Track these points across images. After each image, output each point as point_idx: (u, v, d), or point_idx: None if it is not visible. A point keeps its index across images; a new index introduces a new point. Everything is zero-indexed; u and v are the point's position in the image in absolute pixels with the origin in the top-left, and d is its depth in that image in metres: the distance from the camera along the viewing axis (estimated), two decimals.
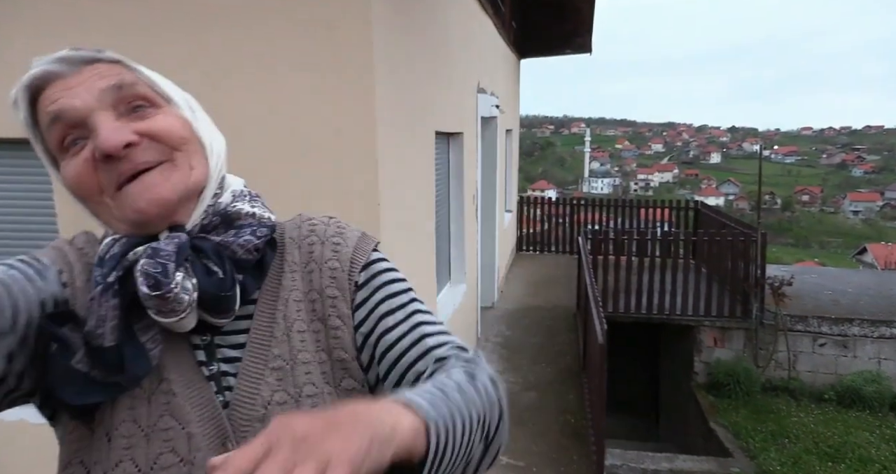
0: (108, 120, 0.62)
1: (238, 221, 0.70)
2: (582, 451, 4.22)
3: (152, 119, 0.64)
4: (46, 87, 0.63)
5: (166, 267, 0.61)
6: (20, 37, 2.54)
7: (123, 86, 0.64)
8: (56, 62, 0.63)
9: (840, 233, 70.78)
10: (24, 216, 2.75)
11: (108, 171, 0.61)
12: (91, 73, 0.63)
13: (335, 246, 0.75)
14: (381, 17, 2.53)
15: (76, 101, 0.61)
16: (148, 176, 0.62)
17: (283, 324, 0.70)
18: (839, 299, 7.26)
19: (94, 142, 0.61)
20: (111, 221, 0.65)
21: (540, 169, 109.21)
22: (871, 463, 5.13)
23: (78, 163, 0.62)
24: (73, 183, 0.63)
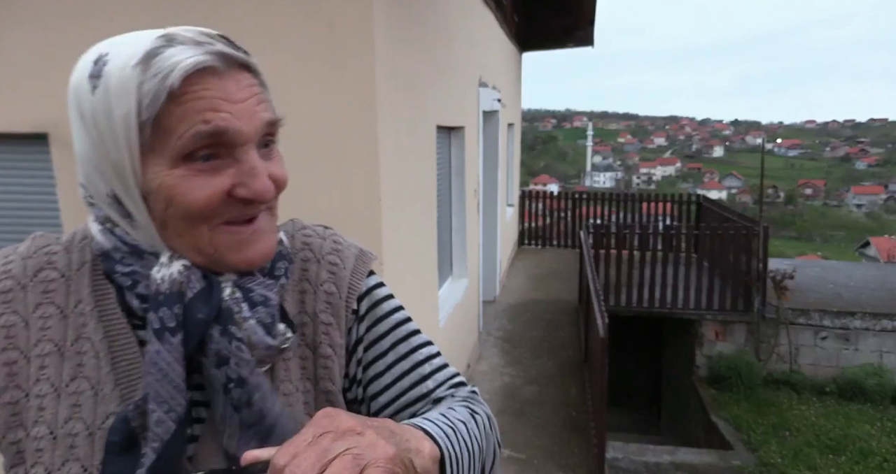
0: (259, 158, 0.58)
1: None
2: (583, 444, 4.24)
3: (276, 163, 0.61)
4: (199, 77, 0.54)
5: (275, 318, 0.61)
6: (18, 27, 2.54)
7: (276, 123, 0.61)
8: (217, 56, 0.55)
9: (843, 227, 70.61)
10: (27, 210, 2.76)
11: (234, 207, 0.57)
12: (248, 88, 0.58)
13: (332, 266, 0.70)
14: (383, 11, 2.53)
15: (243, 125, 0.56)
16: (260, 223, 0.59)
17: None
18: (841, 292, 7.26)
19: (244, 179, 0.56)
20: (188, 248, 0.58)
21: (542, 163, 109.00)
22: (872, 455, 5.14)
23: (213, 188, 0.55)
24: (194, 204, 0.55)
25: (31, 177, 2.71)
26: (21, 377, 0.58)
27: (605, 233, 6.97)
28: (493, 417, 0.69)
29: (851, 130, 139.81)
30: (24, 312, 0.60)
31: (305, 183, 2.50)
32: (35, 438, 0.57)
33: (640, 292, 6.81)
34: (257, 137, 0.58)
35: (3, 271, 0.62)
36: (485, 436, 0.63)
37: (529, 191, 11.15)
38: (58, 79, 2.88)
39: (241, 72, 0.58)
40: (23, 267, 0.62)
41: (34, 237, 0.66)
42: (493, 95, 6.27)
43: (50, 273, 0.62)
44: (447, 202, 4.96)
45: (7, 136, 2.65)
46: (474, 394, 0.71)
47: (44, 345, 0.59)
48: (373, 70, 2.44)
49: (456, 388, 0.71)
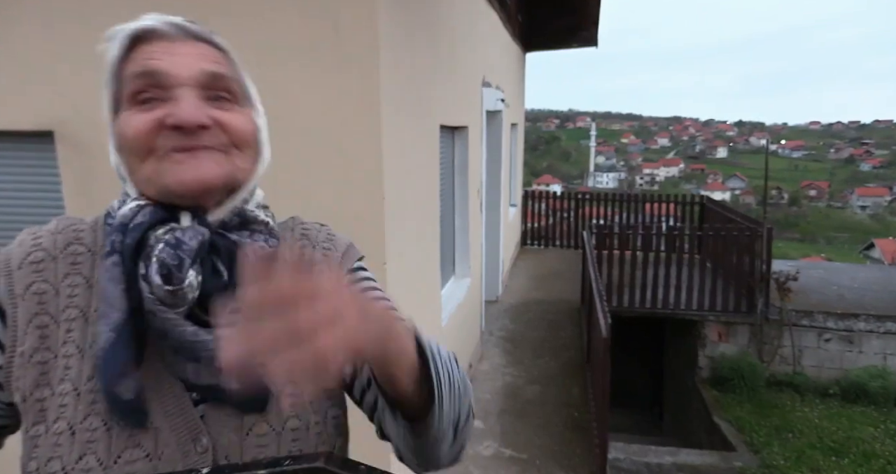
0: (193, 97, 0.63)
1: (253, 225, 0.71)
2: (585, 445, 4.23)
3: (230, 113, 0.66)
4: (150, 41, 0.65)
5: (183, 262, 0.62)
6: (23, 26, 2.55)
7: (222, 77, 0.66)
8: (170, 25, 0.65)
9: (847, 229, 70.37)
10: (32, 207, 2.77)
11: (168, 138, 0.62)
12: (197, 50, 0.66)
13: (325, 251, 0.78)
14: (387, 11, 2.53)
15: (174, 68, 0.63)
16: (202, 153, 0.63)
17: None
18: (845, 294, 7.23)
19: (172, 109, 0.62)
20: (142, 183, 0.65)
21: (545, 163, 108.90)
22: (876, 458, 5.13)
23: (144, 119, 0.63)
24: (131, 134, 0.63)
25: (36, 174, 2.72)
26: (52, 339, 0.64)
27: (608, 233, 6.96)
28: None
29: (856, 132, 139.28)
30: (55, 281, 0.67)
31: (309, 182, 2.50)
32: (60, 395, 0.62)
33: (642, 293, 6.80)
34: (195, 82, 0.64)
35: (34, 244, 0.69)
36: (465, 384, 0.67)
37: (532, 191, 11.15)
38: (63, 77, 2.89)
39: (196, 42, 0.66)
40: (53, 240, 0.69)
41: (59, 218, 0.73)
42: (496, 95, 6.27)
43: (78, 247, 0.69)
44: (450, 202, 4.96)
45: (12, 134, 2.66)
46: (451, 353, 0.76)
47: (71, 310, 0.65)
48: (377, 70, 2.44)
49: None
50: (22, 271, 0.66)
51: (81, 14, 2.53)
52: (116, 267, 0.63)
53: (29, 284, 0.66)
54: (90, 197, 2.63)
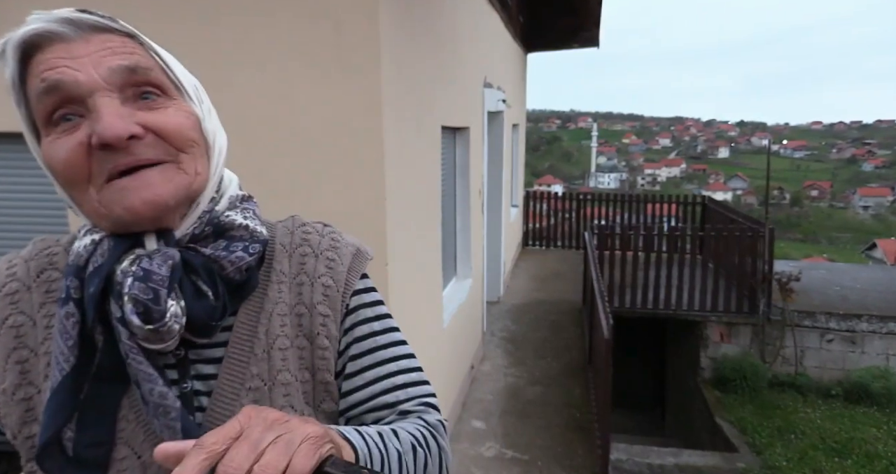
0: (113, 104, 0.55)
1: (230, 232, 0.64)
2: (587, 445, 4.23)
3: (161, 112, 0.58)
4: (45, 47, 0.55)
5: (158, 294, 0.56)
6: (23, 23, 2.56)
7: (137, 69, 0.57)
8: (61, 23, 0.55)
9: (849, 229, 70.24)
10: (34, 208, 2.77)
11: (102, 161, 0.55)
12: (101, 44, 0.56)
13: (329, 261, 0.70)
14: (389, 11, 2.53)
15: (80, 74, 0.54)
16: (147, 173, 0.56)
17: (264, 340, 0.64)
18: (847, 295, 7.21)
19: (94, 126, 0.54)
20: (92, 215, 0.59)
21: (546, 163, 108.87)
22: (879, 459, 5.11)
23: (69, 145, 0.55)
24: (60, 167, 0.56)
25: (38, 175, 2.72)
26: (33, 374, 0.61)
27: (610, 234, 6.95)
28: (447, 455, 0.68)
29: (858, 132, 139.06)
30: (31, 312, 0.63)
31: (310, 182, 2.50)
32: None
33: (644, 293, 6.79)
34: (110, 85, 0.55)
35: (9, 274, 0.64)
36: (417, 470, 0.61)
37: (534, 191, 11.14)
38: None
39: (96, 34, 0.57)
40: (26, 269, 0.65)
41: (35, 241, 0.68)
42: (497, 96, 6.27)
43: (52, 273, 0.65)
44: (452, 202, 4.96)
45: (13, 135, 2.66)
46: (440, 424, 0.69)
47: (49, 342, 0.61)
48: (378, 71, 2.44)
49: (426, 408, 0.70)
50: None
51: None
52: (70, 318, 0.58)
53: (5, 318, 0.62)
54: None
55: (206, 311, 0.60)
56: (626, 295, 6.82)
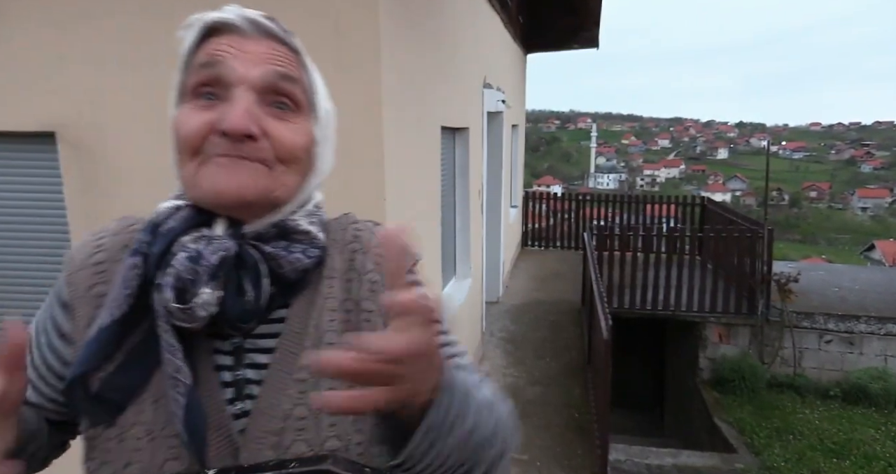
0: (248, 100, 0.61)
1: (292, 235, 0.67)
2: (586, 446, 4.23)
3: (284, 125, 0.63)
4: (224, 33, 0.63)
5: (199, 277, 0.59)
6: (26, 27, 2.56)
7: (287, 77, 0.63)
8: (244, 19, 0.63)
9: (848, 230, 70.33)
10: (34, 208, 2.77)
11: (215, 144, 0.60)
12: (268, 49, 0.63)
13: (378, 257, 0.71)
14: (388, 12, 2.53)
15: (238, 65, 0.61)
16: (244, 165, 0.61)
17: (314, 333, 0.66)
18: (846, 296, 7.23)
19: (224, 113, 0.60)
20: (185, 183, 0.64)
21: (546, 164, 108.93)
22: (877, 459, 5.12)
23: (197, 118, 0.61)
24: (182, 133, 0.62)
25: (38, 175, 2.72)
26: None
27: (609, 234, 6.96)
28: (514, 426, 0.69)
29: (857, 133, 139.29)
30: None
31: None
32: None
33: (643, 294, 6.80)
34: (256, 83, 0.61)
35: (97, 245, 0.70)
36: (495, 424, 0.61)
37: (533, 192, 11.15)
38: (66, 78, 2.89)
39: (269, 40, 0.64)
40: (112, 242, 0.70)
41: (122, 218, 0.73)
42: (497, 96, 6.28)
43: None
44: (451, 203, 4.96)
45: (14, 135, 2.66)
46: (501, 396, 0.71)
47: None
48: (378, 71, 2.44)
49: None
50: (84, 272, 0.67)
51: (84, 16, 2.53)
52: (134, 269, 0.62)
53: (91, 286, 0.67)
54: (92, 197, 2.63)
55: (238, 310, 0.62)
56: (625, 295, 6.83)
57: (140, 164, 2.57)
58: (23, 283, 2.82)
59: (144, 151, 2.55)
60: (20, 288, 2.83)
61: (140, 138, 2.55)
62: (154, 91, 2.52)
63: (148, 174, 2.57)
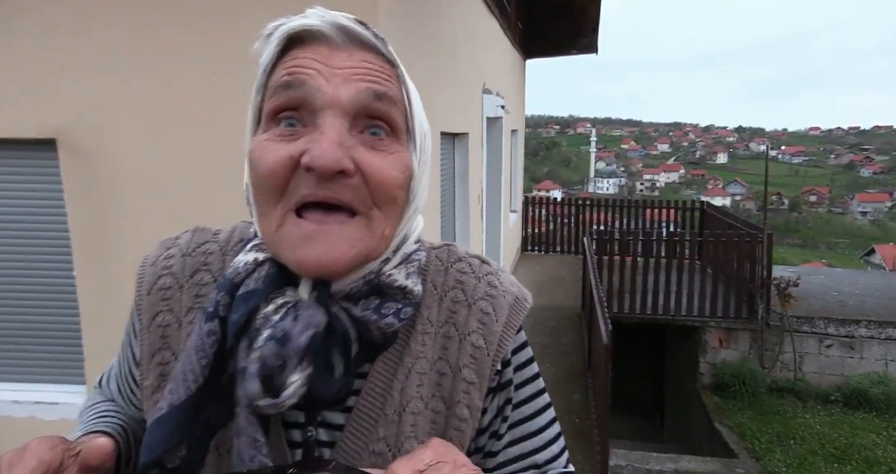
0: (339, 128, 0.51)
1: (386, 292, 0.57)
2: (586, 451, 4.22)
3: (381, 156, 0.53)
4: (308, 43, 0.53)
5: (287, 364, 0.51)
6: (26, 34, 2.57)
7: (384, 98, 0.53)
8: (335, 27, 0.52)
9: (848, 234, 70.34)
10: (35, 215, 2.78)
11: (302, 181, 0.51)
12: (361, 61, 0.53)
13: (483, 315, 0.61)
14: (387, 18, 2.55)
15: (326, 85, 0.51)
16: (334, 227, 0.51)
17: (397, 399, 0.58)
18: (846, 300, 7.22)
19: (311, 146, 0.50)
20: (265, 234, 0.54)
21: (545, 169, 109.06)
22: (878, 464, 5.11)
23: (279, 155, 0.51)
24: (261, 172, 0.52)
25: (39, 182, 2.73)
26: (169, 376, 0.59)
27: (609, 239, 6.97)
28: None
29: (856, 137, 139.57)
30: (179, 312, 0.61)
31: None
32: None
33: (643, 299, 6.80)
34: (347, 107, 0.51)
35: (164, 266, 0.63)
36: None
37: (533, 197, 11.17)
38: (66, 85, 2.90)
39: (362, 50, 0.54)
40: (182, 265, 0.63)
41: (195, 230, 0.66)
42: (496, 102, 6.30)
43: (204, 276, 0.62)
44: (451, 208, 4.97)
45: (15, 142, 2.67)
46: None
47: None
48: None
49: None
50: (151, 298, 0.62)
51: (84, 23, 2.55)
52: (212, 336, 0.54)
53: (155, 314, 0.61)
54: (92, 204, 2.64)
55: (327, 390, 0.54)
56: (625, 300, 6.82)
57: (141, 171, 2.58)
58: (24, 289, 2.83)
59: (145, 157, 2.56)
60: (22, 293, 2.83)
61: (141, 144, 2.56)
62: (154, 98, 2.53)
63: (149, 180, 2.58)
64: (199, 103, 2.47)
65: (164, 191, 2.56)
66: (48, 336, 2.86)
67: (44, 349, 2.88)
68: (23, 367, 2.91)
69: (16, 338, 2.88)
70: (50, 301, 2.82)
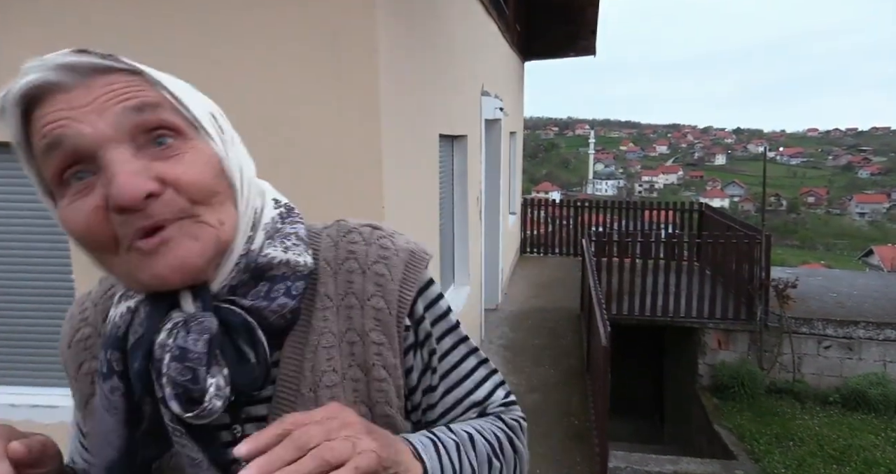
0: (126, 158, 0.50)
1: (270, 272, 0.58)
2: (585, 453, 4.22)
3: (178, 160, 0.52)
4: (45, 100, 0.50)
5: (196, 373, 0.52)
6: (22, 35, 2.57)
7: (145, 108, 0.51)
8: (59, 70, 0.50)
9: (846, 235, 70.43)
10: (33, 218, 2.78)
11: (122, 224, 0.50)
12: (104, 88, 0.51)
13: (378, 277, 0.62)
14: (386, 21, 2.55)
15: (84, 127, 0.49)
16: (169, 235, 0.51)
17: (310, 377, 0.59)
18: (844, 301, 7.23)
19: (108, 188, 0.49)
20: (123, 279, 0.55)
21: (544, 170, 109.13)
22: (877, 466, 5.11)
23: (86, 210, 0.50)
24: (81, 234, 0.51)
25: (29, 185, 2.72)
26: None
27: (608, 241, 6.97)
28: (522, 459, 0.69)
29: (854, 139, 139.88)
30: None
31: (309, 191, 2.51)
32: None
33: (642, 300, 6.80)
34: (120, 134, 0.50)
35: (81, 319, 0.66)
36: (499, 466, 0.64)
37: (532, 198, 11.19)
38: None
39: (98, 77, 0.51)
40: (95, 313, 0.66)
41: (101, 280, 0.68)
42: (495, 104, 6.30)
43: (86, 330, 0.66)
44: (450, 210, 4.98)
45: None
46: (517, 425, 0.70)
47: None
48: (376, 79, 2.46)
49: (506, 408, 0.71)
50: (72, 350, 0.65)
51: (83, 26, 2.55)
52: (116, 392, 0.55)
53: (79, 364, 0.64)
54: None
55: (248, 378, 0.56)
56: (623, 302, 6.83)
57: None
58: (22, 292, 2.83)
59: None
60: (20, 296, 2.83)
61: None
62: None
63: None
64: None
65: None
66: (46, 339, 2.86)
67: (41, 352, 2.88)
68: (20, 370, 2.91)
69: (13, 341, 2.87)
70: (48, 304, 2.82)
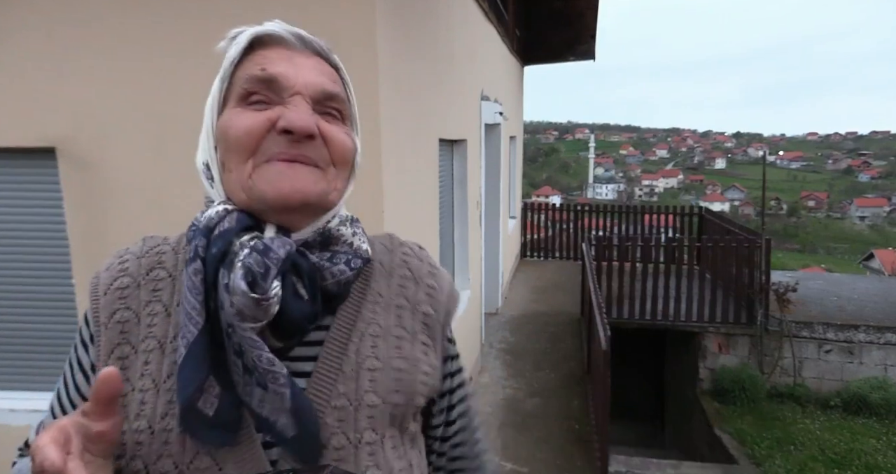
0: (307, 108, 0.62)
1: (335, 246, 0.67)
2: (586, 457, 4.21)
3: (338, 127, 0.65)
4: (269, 46, 0.65)
5: (269, 270, 0.58)
6: (25, 43, 2.58)
7: (337, 98, 0.66)
8: (292, 35, 0.65)
9: (846, 239, 70.40)
10: (34, 223, 2.78)
11: (275, 143, 0.60)
12: (316, 64, 0.66)
13: (430, 289, 0.73)
14: (386, 25, 2.57)
15: (296, 75, 0.63)
16: (302, 168, 0.61)
17: (353, 359, 0.64)
18: (845, 305, 7.23)
19: (286, 114, 0.60)
20: (236, 185, 0.62)
21: (544, 175, 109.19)
22: (878, 470, 5.10)
23: (256, 118, 0.61)
24: (240, 131, 0.61)
25: (38, 191, 2.73)
26: (131, 371, 0.63)
27: (608, 244, 6.97)
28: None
29: (853, 143, 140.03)
30: (137, 308, 0.66)
31: None
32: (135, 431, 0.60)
33: (642, 304, 6.80)
34: (310, 94, 0.63)
35: (121, 269, 0.68)
36: None
37: (531, 202, 11.18)
38: (65, 94, 2.90)
39: (314, 56, 0.66)
40: (138, 265, 0.68)
41: (145, 238, 0.72)
42: (494, 108, 6.32)
43: (160, 272, 0.68)
44: (449, 214, 4.98)
45: (14, 151, 2.68)
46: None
47: (149, 341, 0.64)
48: (376, 84, 2.47)
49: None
50: (107, 297, 0.66)
51: (85, 32, 2.56)
52: (198, 275, 0.60)
53: (113, 312, 0.65)
54: (92, 213, 2.65)
55: (300, 312, 0.60)
56: (623, 306, 6.82)
57: (140, 180, 2.59)
58: (23, 297, 2.83)
59: (145, 167, 2.57)
60: (20, 302, 2.83)
61: (140, 154, 2.57)
62: (155, 107, 2.54)
63: (148, 189, 2.59)
64: (200, 113, 2.48)
65: (164, 201, 2.57)
66: (46, 344, 2.86)
67: (42, 357, 2.88)
68: (21, 375, 2.91)
69: (14, 346, 2.88)
70: (48, 309, 2.82)
